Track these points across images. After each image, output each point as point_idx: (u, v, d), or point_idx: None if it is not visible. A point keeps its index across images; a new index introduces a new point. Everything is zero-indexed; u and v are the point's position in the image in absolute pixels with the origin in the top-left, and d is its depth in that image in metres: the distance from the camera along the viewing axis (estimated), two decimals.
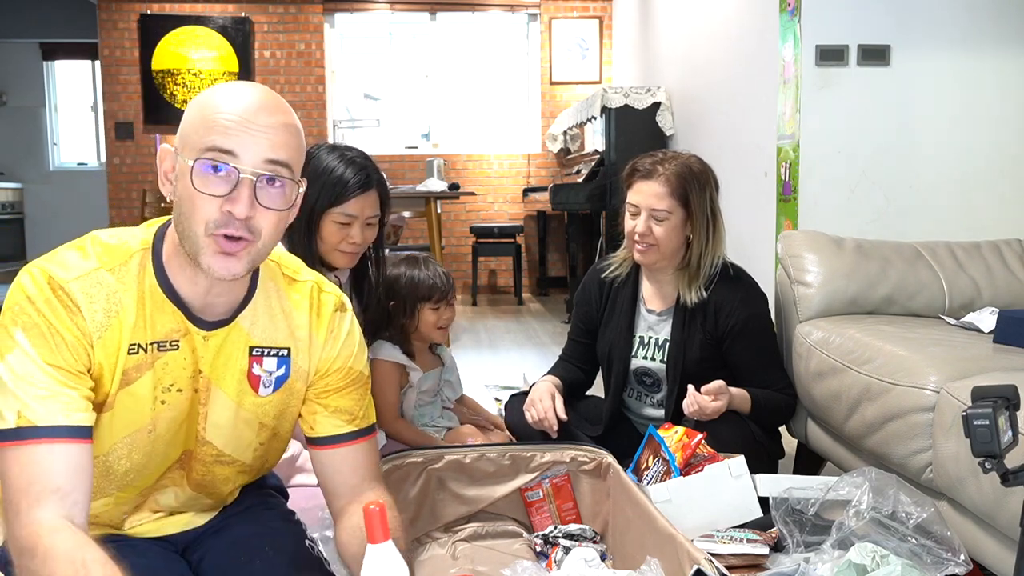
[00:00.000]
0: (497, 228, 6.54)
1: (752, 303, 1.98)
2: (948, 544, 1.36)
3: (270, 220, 1.05)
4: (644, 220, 1.94)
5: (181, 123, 1.07)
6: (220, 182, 1.02)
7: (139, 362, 1.08)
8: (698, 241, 1.95)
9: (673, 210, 1.92)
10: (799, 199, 3.47)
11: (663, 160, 1.95)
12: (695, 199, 1.92)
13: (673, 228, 1.94)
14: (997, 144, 3.44)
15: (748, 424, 1.92)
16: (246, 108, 1.03)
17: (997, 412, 1.07)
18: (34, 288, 1.03)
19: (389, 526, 0.95)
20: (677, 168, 1.93)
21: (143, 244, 1.11)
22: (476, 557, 1.70)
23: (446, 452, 1.76)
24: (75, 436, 1.00)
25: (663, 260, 1.99)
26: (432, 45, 7.18)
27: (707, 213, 1.94)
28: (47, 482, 0.96)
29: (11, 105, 8.22)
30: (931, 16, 3.36)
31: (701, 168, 1.96)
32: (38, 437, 0.97)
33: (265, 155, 1.03)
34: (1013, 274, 2.17)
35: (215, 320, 1.13)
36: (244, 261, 1.05)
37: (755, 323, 1.97)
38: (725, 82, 4.34)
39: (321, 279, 1.26)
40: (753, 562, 1.54)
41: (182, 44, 6.88)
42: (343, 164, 1.82)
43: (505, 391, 2.97)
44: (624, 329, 2.07)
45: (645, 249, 1.96)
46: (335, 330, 1.23)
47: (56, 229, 8.01)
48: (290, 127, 1.07)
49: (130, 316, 1.07)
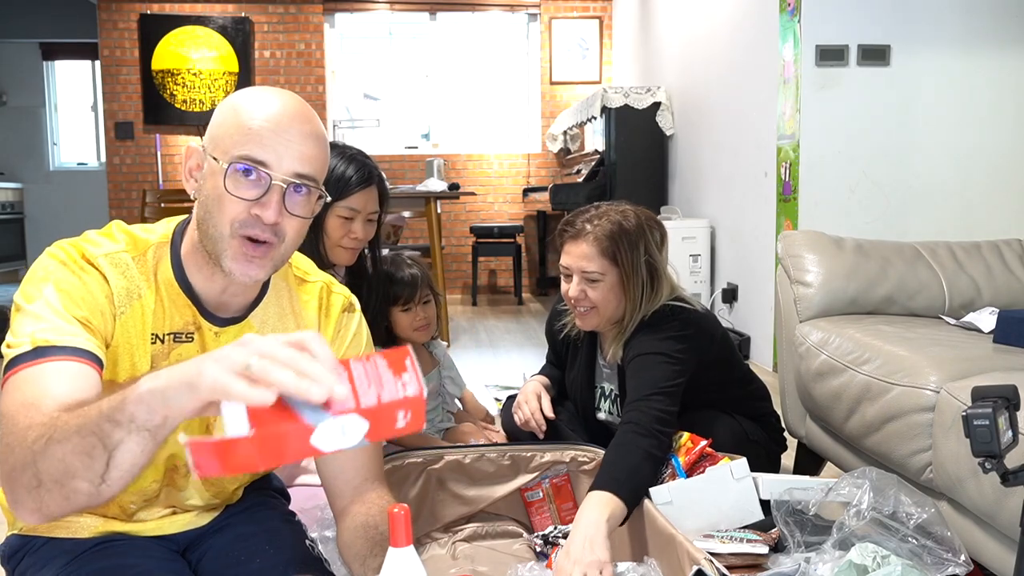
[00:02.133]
0: (497, 228, 6.54)
1: (644, 340, 1.78)
2: (948, 544, 1.36)
3: (294, 226, 1.08)
4: (576, 284, 1.81)
5: (212, 123, 1.09)
6: (251, 186, 1.04)
7: (157, 352, 1.11)
8: (631, 301, 1.80)
9: (606, 271, 1.78)
10: (799, 199, 3.47)
11: (592, 217, 1.81)
12: (625, 258, 1.78)
13: (609, 289, 1.80)
14: (997, 144, 3.44)
15: (743, 426, 1.90)
16: (281, 119, 1.05)
17: (997, 412, 1.07)
18: (66, 256, 1.06)
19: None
20: (608, 226, 1.78)
21: (162, 238, 1.13)
22: (476, 557, 1.70)
23: (446, 452, 1.76)
24: (88, 358, 0.98)
25: (606, 323, 1.86)
26: (432, 45, 7.17)
27: (641, 272, 1.79)
28: (53, 392, 0.92)
29: (11, 105, 8.21)
30: (931, 16, 3.37)
31: (636, 223, 1.80)
32: (50, 355, 0.96)
33: (296, 168, 1.05)
34: (1013, 274, 2.17)
35: (228, 317, 1.15)
36: (266, 267, 1.08)
37: (639, 358, 1.76)
38: (725, 82, 4.34)
39: (331, 279, 1.28)
40: (753, 562, 1.54)
41: (182, 44, 6.88)
42: (344, 161, 1.86)
43: (505, 391, 2.98)
44: (585, 382, 1.99)
45: (584, 313, 1.83)
46: (342, 330, 1.25)
47: (56, 229, 8.01)
48: (319, 138, 1.09)
49: (150, 304, 1.09)
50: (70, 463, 0.83)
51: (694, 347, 1.77)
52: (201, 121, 6.91)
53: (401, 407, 0.75)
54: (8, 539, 1.20)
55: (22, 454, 0.87)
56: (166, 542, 1.22)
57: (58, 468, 0.84)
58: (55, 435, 0.84)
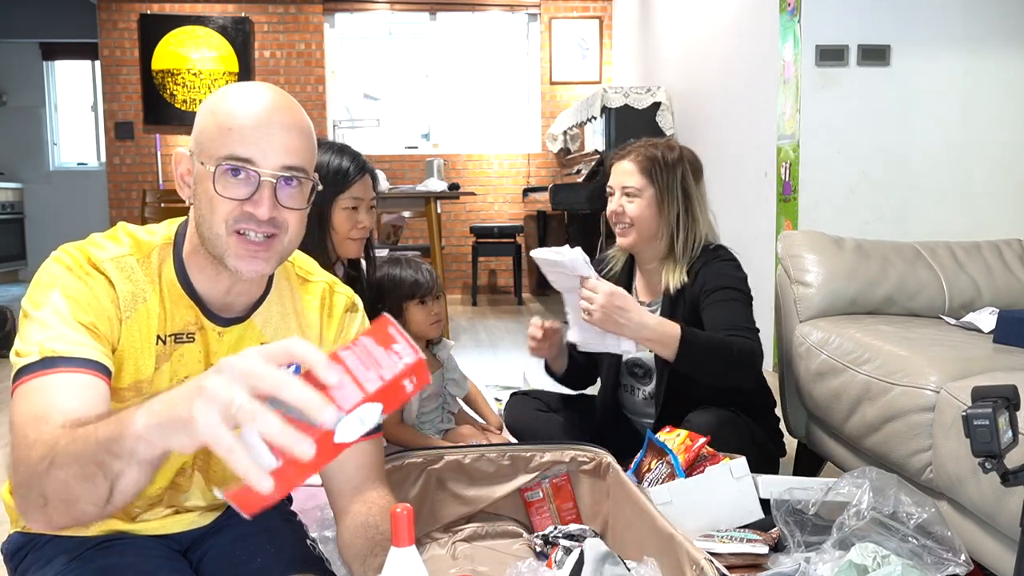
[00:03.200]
0: (497, 228, 6.54)
1: (713, 266, 1.93)
2: (948, 544, 1.36)
3: (293, 218, 1.08)
4: (617, 199, 1.98)
5: (195, 127, 1.09)
6: (241, 185, 1.04)
7: (160, 352, 1.11)
8: (668, 222, 1.95)
9: (643, 187, 1.95)
10: (799, 199, 3.47)
11: (641, 144, 2.00)
12: (662, 177, 1.94)
13: (646, 205, 1.95)
14: (997, 144, 3.44)
15: (749, 425, 1.91)
16: (260, 113, 1.04)
17: (997, 412, 1.07)
18: (72, 261, 1.06)
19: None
20: (650, 149, 1.97)
21: (165, 239, 1.14)
22: (476, 557, 1.70)
23: (446, 452, 1.76)
24: (95, 369, 0.99)
25: (643, 242, 1.99)
26: (432, 45, 7.18)
27: (677, 193, 1.95)
28: (61, 406, 0.92)
29: (11, 105, 8.21)
30: (931, 16, 3.37)
31: (677, 153, 1.98)
32: (58, 367, 0.96)
33: (282, 160, 1.05)
34: (1013, 274, 2.17)
35: (231, 317, 1.16)
36: (271, 260, 1.08)
37: (715, 282, 1.90)
38: (725, 82, 4.34)
39: (335, 280, 1.29)
40: (753, 562, 1.53)
41: (182, 44, 6.88)
42: (336, 154, 1.95)
43: (505, 391, 2.97)
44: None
45: (623, 230, 1.99)
46: (344, 330, 1.25)
47: (56, 229, 8.01)
48: (303, 128, 1.08)
49: (155, 307, 1.10)
50: (73, 488, 0.84)
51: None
52: None
53: (404, 376, 0.74)
54: (11, 537, 1.20)
55: (27, 472, 0.87)
56: (168, 541, 1.22)
57: (62, 491, 0.84)
58: (56, 459, 0.84)
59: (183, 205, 1.10)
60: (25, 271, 8.08)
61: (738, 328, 1.82)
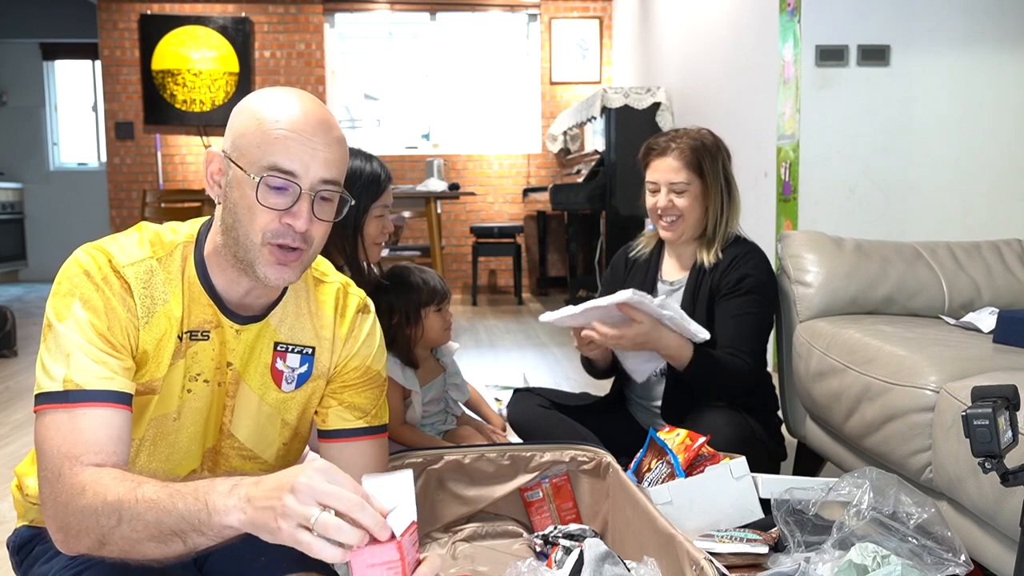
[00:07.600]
0: (497, 228, 6.54)
1: (749, 264, 1.99)
2: (948, 544, 1.36)
3: (321, 230, 1.11)
4: (664, 195, 2.01)
5: (233, 128, 1.10)
6: (281, 196, 1.07)
7: (176, 349, 1.12)
8: (714, 209, 2.02)
9: (691, 181, 1.99)
10: (799, 199, 3.47)
11: (675, 136, 2.03)
12: (709, 169, 2.00)
13: (694, 198, 2.00)
14: (997, 144, 3.44)
15: (749, 423, 1.92)
16: (304, 126, 1.07)
17: (997, 412, 1.07)
18: (92, 264, 1.07)
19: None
20: (690, 142, 2.01)
21: (187, 238, 1.16)
22: (476, 557, 1.70)
23: (445, 452, 1.76)
24: (118, 401, 1.03)
25: (689, 231, 2.04)
26: (432, 45, 7.18)
27: (721, 181, 2.02)
28: (91, 445, 0.98)
29: (11, 105, 8.21)
30: (931, 16, 3.36)
31: (713, 140, 2.04)
32: (83, 401, 1.00)
33: (322, 175, 1.08)
34: (1013, 274, 2.17)
35: (248, 316, 1.18)
36: (297, 270, 1.11)
37: (746, 283, 1.97)
38: (725, 82, 4.34)
39: (349, 281, 1.31)
40: (753, 562, 1.53)
41: (182, 44, 6.89)
42: (366, 162, 1.93)
43: (505, 391, 2.98)
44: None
45: (671, 224, 2.03)
46: (355, 329, 1.27)
47: (56, 229, 8.02)
48: (342, 142, 1.12)
49: (177, 308, 1.11)
50: (145, 547, 0.92)
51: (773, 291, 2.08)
52: (201, 121, 6.92)
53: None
54: (18, 530, 1.22)
55: (81, 519, 0.94)
56: None
57: (129, 544, 0.92)
58: (125, 517, 0.91)
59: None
60: (25, 271, 8.09)
61: (739, 349, 1.92)
